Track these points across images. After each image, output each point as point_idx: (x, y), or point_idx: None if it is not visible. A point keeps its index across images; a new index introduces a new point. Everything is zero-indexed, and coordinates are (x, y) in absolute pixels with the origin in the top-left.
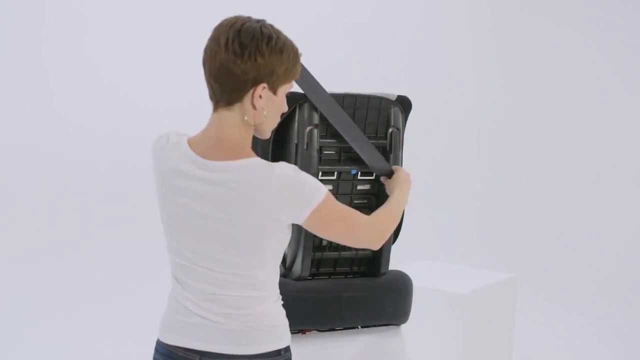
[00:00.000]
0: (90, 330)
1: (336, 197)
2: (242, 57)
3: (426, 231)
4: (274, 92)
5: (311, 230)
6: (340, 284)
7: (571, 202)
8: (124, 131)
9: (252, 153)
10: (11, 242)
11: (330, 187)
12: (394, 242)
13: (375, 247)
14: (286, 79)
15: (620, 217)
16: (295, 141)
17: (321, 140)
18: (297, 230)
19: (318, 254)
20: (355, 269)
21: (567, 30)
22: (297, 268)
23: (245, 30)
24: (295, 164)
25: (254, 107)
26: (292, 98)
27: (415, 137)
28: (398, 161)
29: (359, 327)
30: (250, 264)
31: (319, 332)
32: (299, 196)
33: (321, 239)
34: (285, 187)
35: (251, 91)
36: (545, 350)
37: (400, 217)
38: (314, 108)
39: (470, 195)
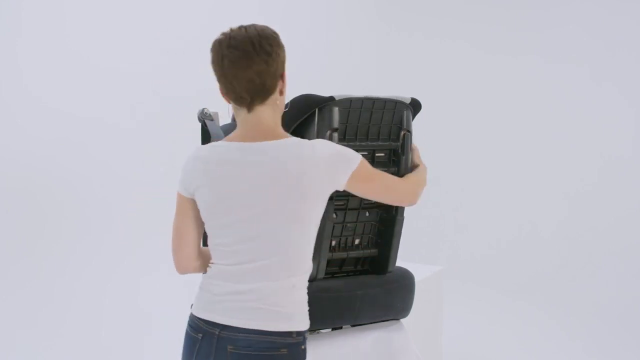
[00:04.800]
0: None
1: (348, 200)
2: (272, 55)
3: None
4: None
5: (354, 191)
6: (354, 282)
7: (502, 195)
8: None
9: (288, 135)
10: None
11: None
12: None
13: (413, 201)
14: None
15: (551, 214)
16: None
17: (340, 143)
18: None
19: (328, 255)
20: (359, 267)
21: (565, 29)
22: (313, 271)
23: (263, 30)
24: None
25: (282, 93)
26: (311, 102)
27: None
28: (408, 162)
29: (350, 326)
30: (284, 246)
31: (310, 332)
32: (335, 165)
33: (331, 240)
34: (326, 156)
35: (280, 81)
36: (471, 338)
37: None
38: (334, 111)
39: None
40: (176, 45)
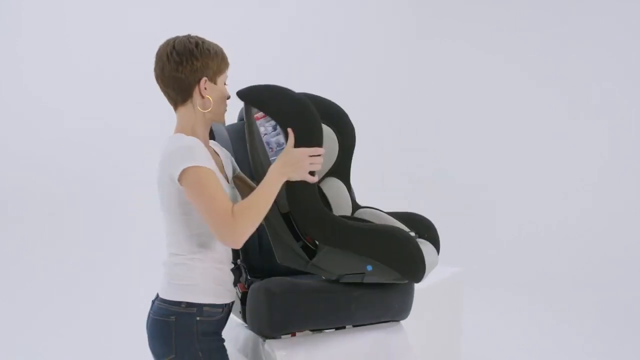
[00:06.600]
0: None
1: None
2: (182, 64)
3: None
4: (214, 82)
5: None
6: (351, 283)
7: (502, 195)
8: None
9: (188, 132)
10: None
11: None
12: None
13: (229, 243)
14: (220, 71)
15: (551, 214)
16: None
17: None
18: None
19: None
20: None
21: (565, 29)
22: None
23: (178, 44)
24: None
25: (202, 97)
26: None
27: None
28: (254, 151)
29: (351, 325)
30: (169, 227)
31: (311, 332)
32: (177, 158)
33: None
34: (172, 150)
35: (197, 86)
36: (471, 337)
37: (265, 211)
38: None
39: (411, 190)
40: None
